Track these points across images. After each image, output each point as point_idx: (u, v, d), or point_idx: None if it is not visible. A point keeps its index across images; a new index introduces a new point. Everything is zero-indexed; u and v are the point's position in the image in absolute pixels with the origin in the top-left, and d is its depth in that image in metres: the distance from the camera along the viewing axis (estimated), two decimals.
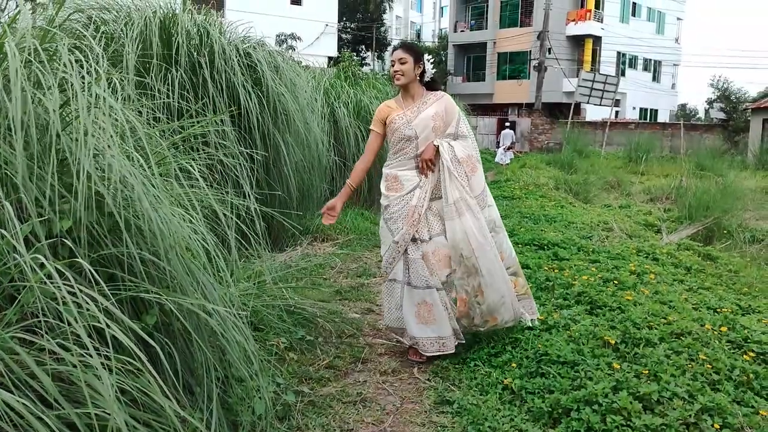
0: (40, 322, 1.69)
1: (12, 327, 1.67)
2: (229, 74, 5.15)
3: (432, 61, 40.06)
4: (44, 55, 2.02)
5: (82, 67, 2.09)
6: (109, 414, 1.56)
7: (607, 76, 26.17)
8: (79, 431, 1.58)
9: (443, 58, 41.81)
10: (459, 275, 3.53)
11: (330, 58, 21.63)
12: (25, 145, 1.95)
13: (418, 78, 3.65)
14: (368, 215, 8.12)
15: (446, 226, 3.52)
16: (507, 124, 24.29)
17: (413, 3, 57.93)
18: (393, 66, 3.63)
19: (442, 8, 57.65)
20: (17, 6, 2.67)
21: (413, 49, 3.68)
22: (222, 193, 3.32)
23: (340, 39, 32.95)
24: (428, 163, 3.57)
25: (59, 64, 2.07)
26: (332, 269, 5.61)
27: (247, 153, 5.13)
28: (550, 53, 29.82)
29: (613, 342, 3.50)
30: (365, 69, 17.79)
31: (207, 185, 3.09)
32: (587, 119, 32.32)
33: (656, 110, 41.96)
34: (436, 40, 49.15)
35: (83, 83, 2.06)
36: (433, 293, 3.50)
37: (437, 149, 3.57)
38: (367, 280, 5.34)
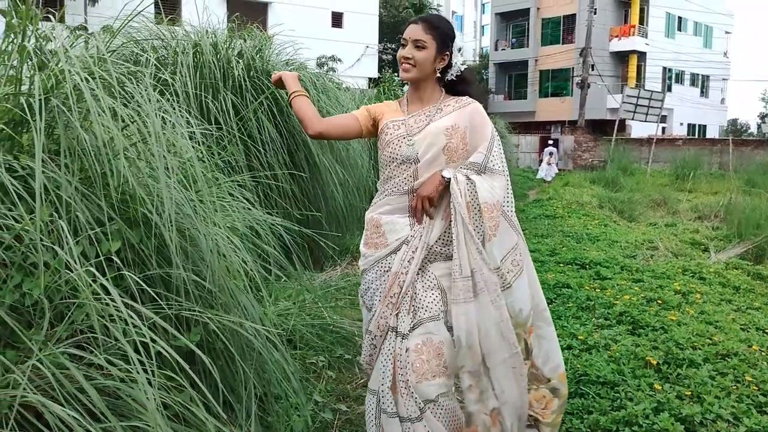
0: (88, 338, 1.78)
1: (62, 343, 1.76)
2: (279, 96, 5.32)
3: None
4: (99, 82, 2.14)
5: (134, 98, 2.21)
6: (152, 427, 1.64)
7: (652, 92, 25.76)
8: None
9: (484, 77, 41.84)
10: (475, 397, 2.22)
11: (370, 79, 21.89)
12: (78, 170, 2.06)
13: (438, 74, 2.35)
14: None
15: (452, 312, 2.20)
16: (550, 141, 24.15)
17: (453, 23, 58.18)
18: (404, 48, 2.32)
19: (482, 27, 57.83)
20: (70, 35, 2.83)
21: (439, 27, 2.32)
22: (265, 214, 3.41)
23: (380, 60, 33.30)
24: (425, 203, 2.25)
25: (115, 92, 2.19)
26: None
27: (289, 173, 5.26)
28: (593, 70, 29.54)
29: (655, 362, 3.44)
30: (406, 89, 17.95)
31: (250, 206, 3.19)
32: (633, 136, 31.80)
33: (705, 126, 41.01)
34: (477, 59, 49.28)
35: (138, 111, 2.18)
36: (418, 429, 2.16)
37: (447, 184, 2.25)
38: None
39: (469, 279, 2.18)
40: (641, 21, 35.56)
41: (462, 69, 2.38)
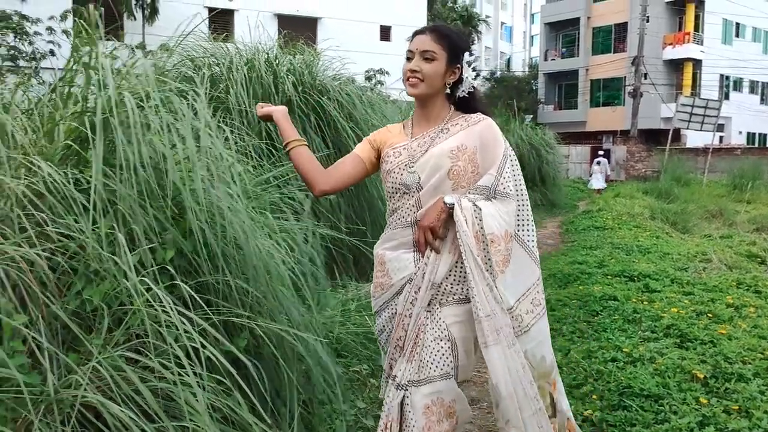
0: (143, 342, 1.89)
1: (120, 347, 1.88)
2: (329, 109, 5.47)
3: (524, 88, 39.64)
4: (157, 100, 2.28)
5: (191, 115, 2.34)
6: (201, 428, 1.74)
7: (708, 100, 25.05)
8: None
9: (534, 87, 41.53)
10: None
11: None
12: (136, 183, 2.20)
13: (448, 89, 2.10)
14: None
15: (486, 357, 1.91)
16: (600, 152, 23.75)
17: (502, 34, 57.94)
18: (409, 60, 2.07)
19: (532, 37, 57.42)
20: (132, 54, 3.00)
21: (449, 37, 2.07)
22: (313, 225, 3.51)
23: None
24: (427, 235, 1.98)
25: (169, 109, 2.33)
26: None
27: None
28: (646, 78, 28.95)
29: (702, 376, 3.39)
30: None
31: (298, 217, 3.30)
32: (688, 145, 30.98)
33: (765, 134, 39.66)
34: (527, 69, 48.93)
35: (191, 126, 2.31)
36: None
37: (451, 211, 1.97)
38: None
39: (491, 318, 1.92)
40: (696, 28, 34.69)
41: (475, 85, 2.13)
